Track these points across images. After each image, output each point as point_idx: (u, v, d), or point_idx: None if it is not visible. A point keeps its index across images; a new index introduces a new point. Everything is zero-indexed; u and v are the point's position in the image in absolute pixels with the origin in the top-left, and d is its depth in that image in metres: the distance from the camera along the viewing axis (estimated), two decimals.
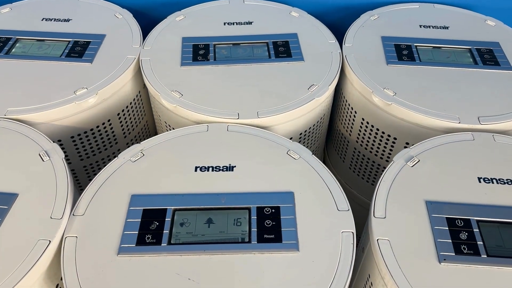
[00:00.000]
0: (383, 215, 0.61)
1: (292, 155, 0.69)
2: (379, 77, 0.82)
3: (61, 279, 0.62)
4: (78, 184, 0.90)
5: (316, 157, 0.69)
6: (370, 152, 0.87)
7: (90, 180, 0.91)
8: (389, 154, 0.84)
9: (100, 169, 0.90)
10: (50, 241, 0.58)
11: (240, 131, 0.74)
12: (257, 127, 0.75)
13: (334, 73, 0.83)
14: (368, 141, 0.86)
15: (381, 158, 0.86)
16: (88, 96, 0.78)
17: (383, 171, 0.87)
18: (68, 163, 0.86)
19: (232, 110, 0.76)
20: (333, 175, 0.66)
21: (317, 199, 0.63)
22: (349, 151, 0.93)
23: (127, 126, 0.91)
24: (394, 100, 0.77)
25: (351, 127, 0.90)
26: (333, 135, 1.01)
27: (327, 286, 0.54)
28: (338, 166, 1.00)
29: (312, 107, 0.79)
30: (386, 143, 0.83)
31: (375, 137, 0.84)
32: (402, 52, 0.87)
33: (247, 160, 0.69)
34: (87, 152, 0.87)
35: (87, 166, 0.89)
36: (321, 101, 0.80)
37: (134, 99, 0.90)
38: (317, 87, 0.80)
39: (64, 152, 0.83)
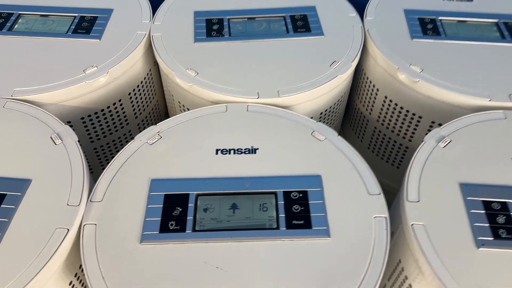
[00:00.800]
0: (417, 198, 0.59)
1: (317, 137, 0.66)
2: (404, 53, 0.78)
3: (80, 267, 0.60)
4: (90, 169, 0.87)
5: (342, 138, 0.66)
6: (392, 131, 0.84)
7: (101, 163, 0.88)
8: (413, 133, 0.81)
9: (111, 152, 0.88)
10: (68, 230, 0.55)
11: (261, 111, 0.70)
12: (278, 106, 0.71)
13: (356, 49, 0.79)
14: (390, 120, 0.83)
15: (404, 137, 0.83)
16: (99, 75, 0.74)
17: (405, 151, 0.84)
18: None
19: (251, 89, 0.72)
20: (361, 157, 0.63)
21: (346, 183, 0.60)
22: (369, 130, 0.90)
23: (138, 106, 0.87)
24: (421, 77, 0.73)
25: (372, 106, 0.86)
26: (350, 114, 0.98)
27: (361, 274, 0.52)
28: (356, 147, 0.95)
29: (335, 85, 0.75)
30: (410, 122, 0.80)
31: (398, 116, 0.81)
32: (427, 26, 0.83)
33: (270, 142, 0.66)
34: (97, 134, 0.83)
35: (98, 149, 0.85)
36: (344, 78, 0.76)
37: (145, 78, 0.86)
38: (339, 63, 0.76)
39: None
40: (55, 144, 0.65)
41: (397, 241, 0.62)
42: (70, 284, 0.59)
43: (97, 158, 0.87)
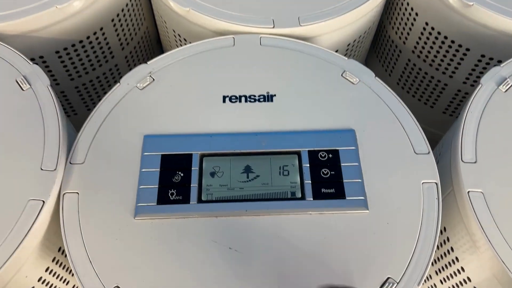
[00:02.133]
0: (473, 158, 0.47)
1: (349, 78, 0.53)
2: None
3: (60, 249, 0.50)
4: (73, 111, 0.75)
5: (380, 80, 0.53)
6: (430, 65, 0.71)
7: (86, 104, 0.76)
8: (455, 68, 0.68)
9: (95, 89, 0.75)
10: (44, 202, 0.44)
11: (277, 45, 0.56)
12: (298, 38, 0.57)
13: None
14: (429, 52, 0.69)
15: (443, 73, 0.70)
16: None
17: (443, 89, 0.72)
18: (56, 84, 0.69)
19: (265, 16, 0.58)
20: (405, 106, 0.51)
21: (387, 139, 0.49)
22: (400, 62, 0.77)
23: (124, 34, 0.72)
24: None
25: (407, 33, 0.72)
26: (378, 42, 0.83)
27: (407, 256, 0.42)
28: (383, 80, 0.83)
29: (369, 8, 0.61)
30: (454, 55, 0.66)
31: (440, 47, 0.67)
32: None
33: (290, 87, 0.53)
34: (77, 70, 0.69)
35: (80, 87, 0.72)
36: None
37: (130, 0, 0.70)
38: None
39: (49, 71, 0.67)
40: (22, 89, 0.52)
41: (443, 207, 0.52)
42: (53, 260, 0.50)
43: (81, 99, 0.74)
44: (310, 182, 0.46)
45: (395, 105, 0.51)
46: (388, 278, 0.41)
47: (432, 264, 0.57)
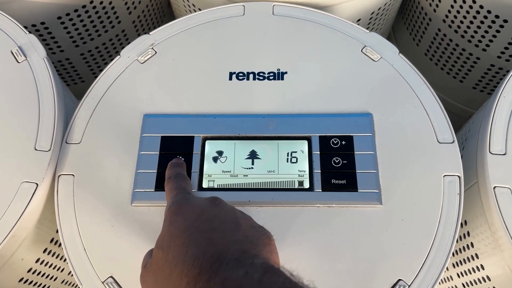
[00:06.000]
0: (503, 150, 0.43)
1: (370, 55, 0.48)
2: None
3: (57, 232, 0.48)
4: (80, 78, 0.72)
5: (404, 57, 0.48)
6: (462, 36, 0.64)
7: (93, 72, 0.73)
8: (490, 41, 0.61)
9: (102, 56, 0.71)
10: (37, 184, 0.42)
11: (292, 15, 0.51)
12: (315, 7, 0.52)
13: None
14: (461, 22, 0.63)
15: (476, 46, 0.63)
16: None
17: (474, 63, 0.66)
18: (61, 51, 0.66)
19: None
20: (430, 88, 0.46)
21: (407, 126, 0.44)
22: (429, 32, 0.70)
23: None
24: None
25: (439, 0, 0.65)
26: (406, 9, 0.76)
27: (421, 257, 0.39)
28: (410, 50, 0.77)
29: None
30: (490, 26, 0.60)
31: (475, 17, 0.60)
32: None
33: (303, 63, 0.48)
34: (82, 37, 0.66)
35: (86, 54, 0.69)
36: None
37: None
38: None
39: (53, 38, 0.63)
40: (18, 62, 0.49)
41: (465, 199, 0.48)
42: (51, 241, 0.48)
43: (87, 66, 0.71)
44: (320, 171, 0.42)
45: (420, 86, 0.46)
46: (399, 280, 0.38)
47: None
